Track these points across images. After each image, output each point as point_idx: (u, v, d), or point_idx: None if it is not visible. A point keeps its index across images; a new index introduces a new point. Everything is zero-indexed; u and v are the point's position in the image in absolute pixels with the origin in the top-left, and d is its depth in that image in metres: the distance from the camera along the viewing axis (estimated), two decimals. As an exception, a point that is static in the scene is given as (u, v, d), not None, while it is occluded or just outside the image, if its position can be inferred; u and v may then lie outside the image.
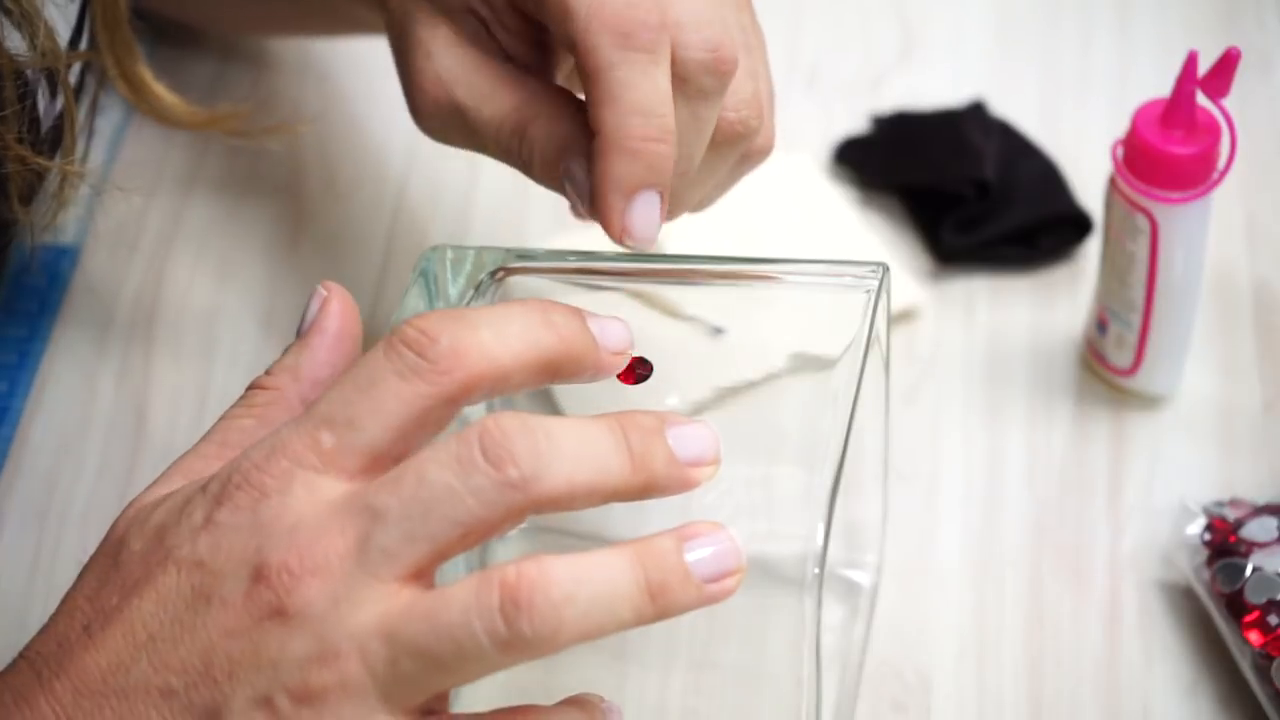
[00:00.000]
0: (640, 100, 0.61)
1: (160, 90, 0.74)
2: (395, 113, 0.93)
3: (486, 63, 0.66)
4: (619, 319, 0.58)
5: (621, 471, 0.53)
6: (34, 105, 0.68)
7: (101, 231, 0.89)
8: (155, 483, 0.57)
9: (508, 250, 0.67)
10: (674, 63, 0.62)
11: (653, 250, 0.64)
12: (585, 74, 0.62)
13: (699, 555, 0.53)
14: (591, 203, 0.63)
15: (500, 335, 0.54)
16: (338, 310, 0.59)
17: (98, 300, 0.87)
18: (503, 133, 0.65)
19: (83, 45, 0.71)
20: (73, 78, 0.71)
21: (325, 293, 0.59)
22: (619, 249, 0.87)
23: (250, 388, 0.58)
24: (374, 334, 0.85)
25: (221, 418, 0.58)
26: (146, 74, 0.73)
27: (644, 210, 0.63)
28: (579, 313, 0.57)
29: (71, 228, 0.89)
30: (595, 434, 0.53)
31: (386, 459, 0.53)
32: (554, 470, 0.52)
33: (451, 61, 0.66)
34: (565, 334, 0.55)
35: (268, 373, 0.58)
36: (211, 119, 0.76)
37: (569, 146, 0.64)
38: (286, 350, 0.59)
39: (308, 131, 0.92)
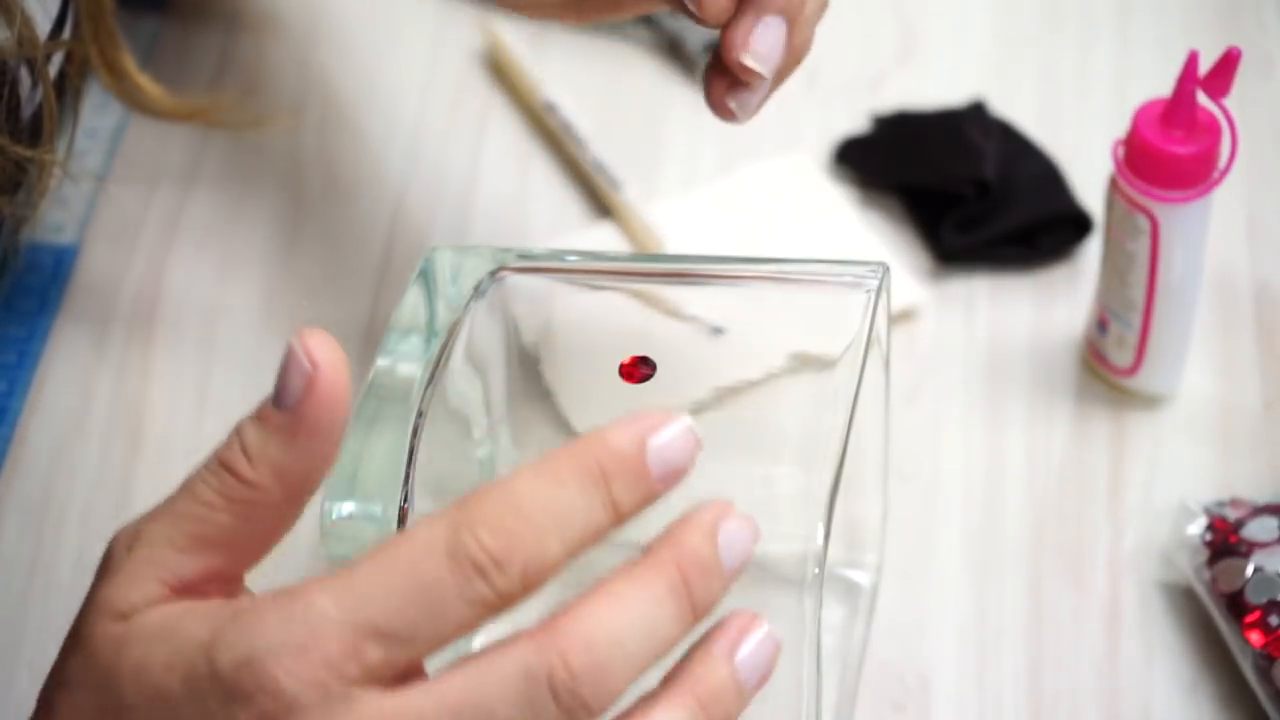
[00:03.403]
0: None
1: (143, 80, 0.74)
2: (396, 112, 0.93)
3: None
4: (686, 427, 0.51)
5: (673, 621, 0.50)
6: (14, 94, 0.67)
7: (100, 230, 0.89)
8: (118, 568, 0.51)
9: (507, 250, 0.67)
10: None
11: (754, 101, 0.64)
12: None
13: (745, 663, 0.51)
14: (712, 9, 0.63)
15: (564, 539, 0.49)
16: (327, 392, 0.50)
17: (97, 299, 0.86)
18: None
19: (66, 34, 0.71)
20: (54, 68, 0.71)
21: (309, 366, 0.50)
22: (619, 249, 0.87)
23: (225, 466, 0.51)
24: (374, 334, 0.85)
25: (190, 492, 0.51)
26: (130, 63, 0.73)
27: (769, 34, 0.64)
28: (640, 462, 0.50)
29: (71, 226, 0.89)
30: (650, 608, 0.49)
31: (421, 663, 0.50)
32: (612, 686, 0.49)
33: None
34: (624, 510, 0.50)
35: (246, 452, 0.51)
36: (194, 110, 0.76)
37: None
38: (263, 424, 0.51)
39: (308, 130, 0.92)
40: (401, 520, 0.61)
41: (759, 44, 0.64)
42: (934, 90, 0.93)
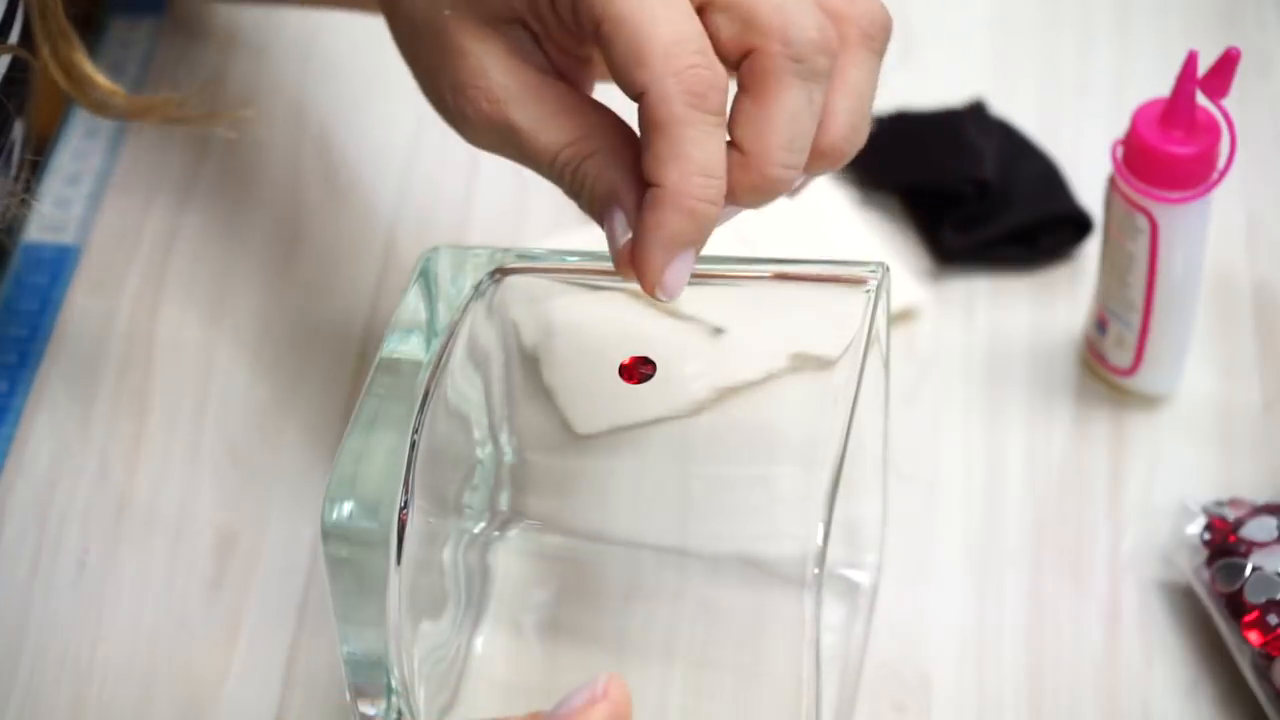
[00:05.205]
0: (706, 161, 0.59)
1: (100, 79, 0.73)
2: (396, 112, 0.93)
3: (543, 83, 0.63)
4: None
5: None
6: None
7: (102, 230, 0.89)
8: None
9: (507, 250, 0.67)
10: (788, 45, 0.60)
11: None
12: (650, 123, 0.59)
13: None
14: (630, 253, 0.61)
15: None
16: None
17: (98, 299, 0.87)
18: (556, 162, 0.63)
19: (14, 38, 0.70)
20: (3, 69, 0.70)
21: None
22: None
23: None
24: (374, 333, 0.85)
25: None
26: (85, 62, 0.72)
27: (681, 267, 0.60)
28: None
29: (72, 226, 0.89)
30: None
31: None
32: None
33: (507, 79, 0.63)
34: None
35: None
36: (149, 106, 0.75)
37: (617, 194, 0.61)
38: None
39: (309, 131, 0.92)
40: (401, 522, 0.61)
41: (670, 280, 0.61)
42: (933, 90, 0.94)
